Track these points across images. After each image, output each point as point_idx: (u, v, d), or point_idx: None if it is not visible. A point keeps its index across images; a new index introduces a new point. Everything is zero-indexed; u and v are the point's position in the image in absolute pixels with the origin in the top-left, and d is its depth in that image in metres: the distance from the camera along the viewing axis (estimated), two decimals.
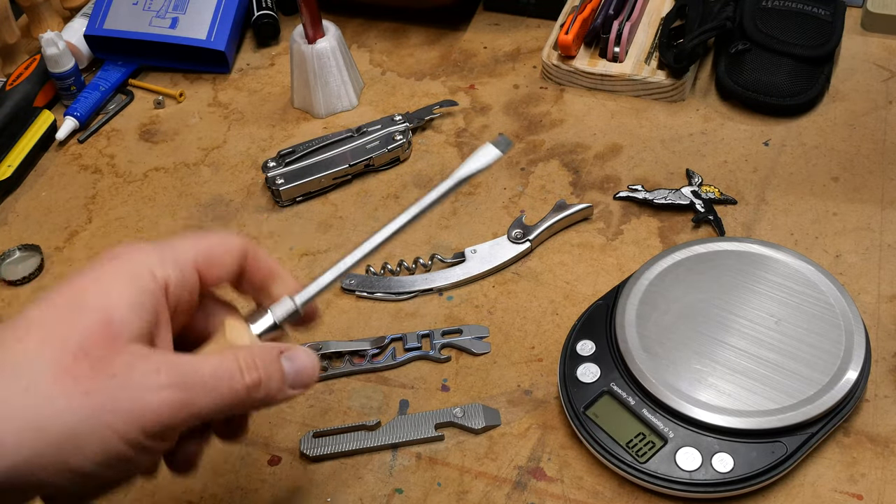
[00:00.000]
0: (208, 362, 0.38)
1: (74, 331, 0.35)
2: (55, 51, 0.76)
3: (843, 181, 0.66)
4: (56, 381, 0.34)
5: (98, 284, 0.37)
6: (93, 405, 0.34)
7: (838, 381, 0.50)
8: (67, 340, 0.35)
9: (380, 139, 0.71)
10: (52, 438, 0.34)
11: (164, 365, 0.36)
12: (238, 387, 0.38)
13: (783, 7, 0.73)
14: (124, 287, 0.37)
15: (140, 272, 0.38)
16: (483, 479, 0.52)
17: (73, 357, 0.35)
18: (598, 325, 0.55)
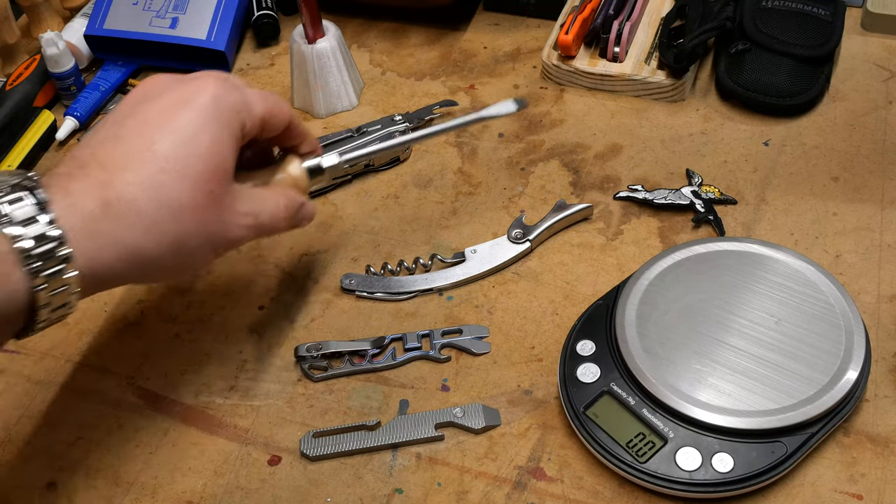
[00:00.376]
0: (268, 204, 0.52)
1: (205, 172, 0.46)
2: (55, 51, 0.76)
3: (843, 181, 0.66)
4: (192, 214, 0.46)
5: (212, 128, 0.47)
6: (209, 231, 0.48)
7: (838, 381, 0.50)
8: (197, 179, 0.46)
9: (380, 139, 0.70)
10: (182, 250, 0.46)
11: (247, 203, 0.50)
12: (280, 224, 0.53)
13: (783, 7, 0.73)
14: (229, 135, 0.48)
15: (237, 122, 0.49)
16: (483, 479, 0.52)
17: (202, 194, 0.46)
18: (598, 325, 0.55)
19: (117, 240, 0.44)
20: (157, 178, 0.45)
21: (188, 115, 0.47)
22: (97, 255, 0.43)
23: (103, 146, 0.46)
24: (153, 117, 0.47)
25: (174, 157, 0.46)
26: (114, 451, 0.55)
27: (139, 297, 0.63)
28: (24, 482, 0.54)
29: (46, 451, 0.55)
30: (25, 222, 0.41)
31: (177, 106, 0.47)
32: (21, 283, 0.41)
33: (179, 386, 0.58)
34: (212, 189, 0.47)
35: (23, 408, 0.58)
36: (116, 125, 0.47)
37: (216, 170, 0.47)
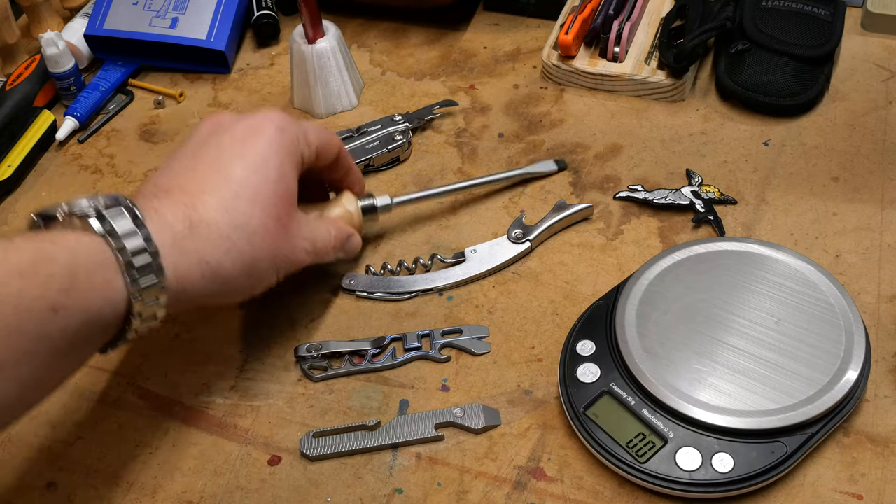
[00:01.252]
0: (321, 232, 0.56)
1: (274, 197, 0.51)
2: (55, 51, 0.76)
3: (843, 181, 0.66)
4: (263, 238, 0.50)
5: (279, 157, 0.52)
6: (276, 254, 0.52)
7: (838, 381, 0.50)
8: (266, 205, 0.51)
9: (380, 139, 0.71)
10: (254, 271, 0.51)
11: (306, 230, 0.55)
12: (330, 253, 0.57)
13: (783, 7, 0.73)
14: (292, 164, 0.53)
15: (297, 152, 0.54)
16: (483, 479, 0.52)
17: (271, 219, 0.51)
18: (598, 325, 0.55)
19: (202, 258, 0.48)
20: (232, 203, 0.49)
21: (258, 145, 0.52)
22: (185, 271, 0.47)
23: (184, 174, 0.51)
24: (226, 146, 0.52)
25: (246, 183, 0.50)
26: (114, 451, 0.55)
27: None
28: (24, 482, 0.54)
29: (46, 451, 0.55)
30: (127, 235, 0.44)
31: (247, 136, 0.52)
32: (121, 292, 0.44)
33: (179, 386, 0.58)
34: (279, 214, 0.51)
35: None
36: (192, 155, 0.52)
37: (283, 195, 0.52)
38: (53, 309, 0.41)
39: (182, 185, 0.50)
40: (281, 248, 0.52)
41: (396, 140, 0.70)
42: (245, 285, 0.51)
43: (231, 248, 0.49)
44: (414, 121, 0.73)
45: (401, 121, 0.72)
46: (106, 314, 0.44)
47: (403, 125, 0.71)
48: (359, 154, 0.70)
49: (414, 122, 0.72)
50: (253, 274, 0.51)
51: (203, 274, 0.48)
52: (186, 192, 0.49)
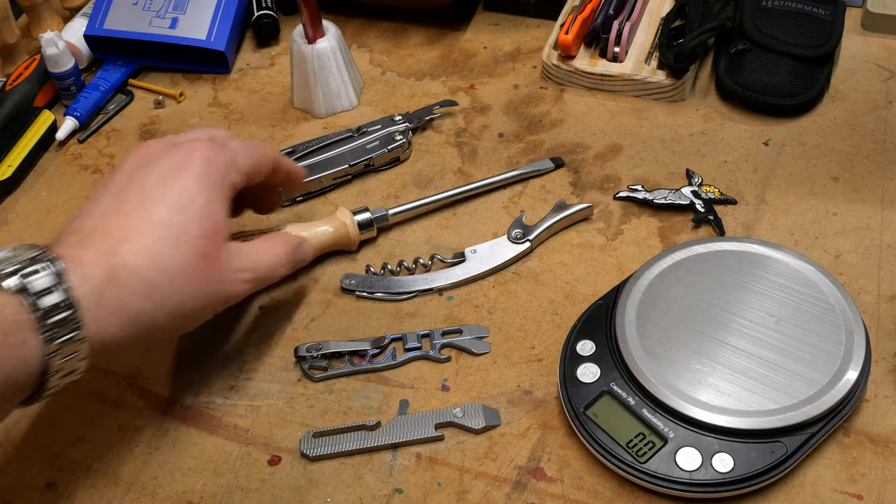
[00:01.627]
0: (265, 257, 0.55)
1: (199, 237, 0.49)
2: (55, 51, 0.76)
3: (843, 181, 0.66)
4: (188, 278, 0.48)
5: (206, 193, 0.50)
6: (207, 292, 0.50)
7: (838, 381, 0.50)
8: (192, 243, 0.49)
9: (380, 139, 0.71)
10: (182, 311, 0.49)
11: (244, 260, 0.53)
12: (281, 271, 0.56)
13: (783, 7, 0.73)
14: (220, 197, 0.51)
15: (226, 183, 0.52)
16: (483, 479, 0.52)
17: (198, 257, 0.49)
18: (598, 325, 0.55)
19: (122, 306, 0.46)
20: (155, 246, 0.47)
21: (182, 182, 0.50)
22: (105, 322, 0.45)
23: (106, 217, 0.49)
24: (150, 186, 0.50)
25: (170, 224, 0.48)
26: (114, 451, 0.55)
27: None
28: (24, 482, 0.54)
29: (46, 451, 0.55)
30: (42, 293, 0.43)
31: (171, 172, 0.50)
32: (36, 350, 0.43)
33: (179, 386, 0.58)
34: (206, 252, 0.49)
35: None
36: (116, 195, 0.50)
37: (210, 233, 0.50)
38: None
39: (104, 228, 0.48)
40: (211, 284, 0.50)
41: (396, 140, 0.70)
42: (173, 326, 0.50)
43: (153, 293, 0.47)
44: (414, 121, 0.72)
45: (401, 121, 0.72)
46: (20, 373, 0.43)
47: (403, 125, 0.71)
48: (359, 154, 0.70)
49: (414, 122, 0.72)
50: (182, 314, 0.49)
51: (122, 324, 0.46)
52: (109, 237, 0.47)
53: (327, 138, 0.71)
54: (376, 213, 0.64)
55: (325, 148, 0.70)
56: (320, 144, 0.70)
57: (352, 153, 0.70)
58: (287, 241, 0.57)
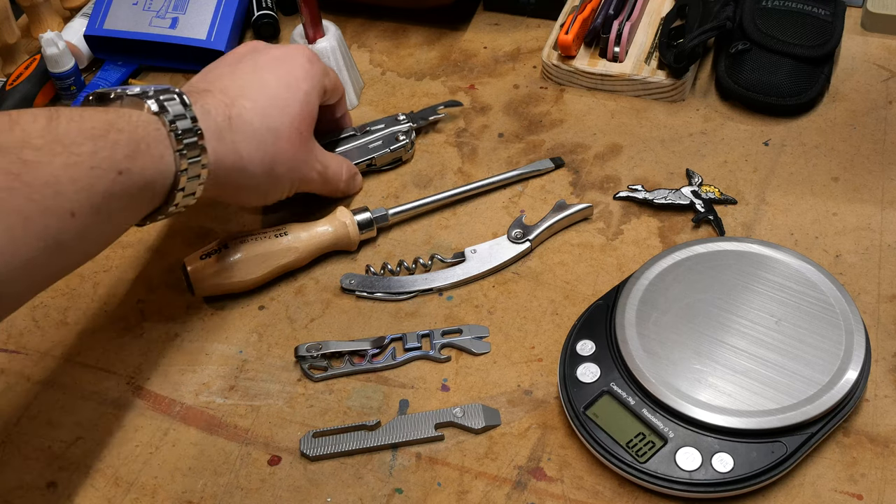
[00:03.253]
0: (334, 162, 0.65)
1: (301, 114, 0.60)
2: (55, 51, 0.76)
3: (843, 181, 0.66)
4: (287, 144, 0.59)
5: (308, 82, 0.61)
6: (294, 162, 0.60)
7: (838, 381, 0.50)
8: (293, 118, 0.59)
9: (383, 139, 0.70)
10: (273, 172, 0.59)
11: (321, 155, 0.63)
12: (340, 183, 0.66)
13: (783, 7, 0.73)
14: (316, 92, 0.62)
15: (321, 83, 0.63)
16: (483, 479, 0.52)
17: (296, 131, 0.59)
18: (598, 325, 0.55)
19: (236, 148, 0.55)
20: (266, 108, 0.57)
21: (291, 67, 0.60)
22: (221, 156, 0.54)
23: (222, 79, 0.58)
24: (262, 63, 0.60)
25: (279, 95, 0.58)
26: (114, 451, 0.55)
27: (139, 297, 0.63)
28: (24, 482, 0.54)
29: (46, 451, 0.55)
30: (178, 117, 0.51)
31: (281, 59, 0.60)
32: (171, 165, 0.51)
33: (179, 386, 0.58)
34: (301, 130, 0.59)
35: (23, 408, 0.58)
36: (230, 66, 0.60)
37: (307, 115, 0.60)
38: (119, 171, 0.47)
39: (222, 88, 0.57)
40: (299, 158, 0.60)
41: (400, 140, 0.70)
42: (263, 185, 0.59)
43: (260, 146, 0.56)
44: (417, 120, 0.72)
45: (404, 120, 0.71)
46: (158, 182, 0.50)
47: (407, 125, 0.71)
48: (361, 154, 0.70)
49: (417, 121, 0.72)
50: (272, 175, 0.58)
51: (235, 163, 0.55)
52: (226, 93, 0.56)
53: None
54: (376, 213, 0.64)
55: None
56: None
57: (354, 152, 0.70)
58: (351, 166, 0.67)
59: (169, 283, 0.64)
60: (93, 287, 0.64)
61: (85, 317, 0.62)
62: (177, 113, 0.51)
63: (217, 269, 0.60)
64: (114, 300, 0.63)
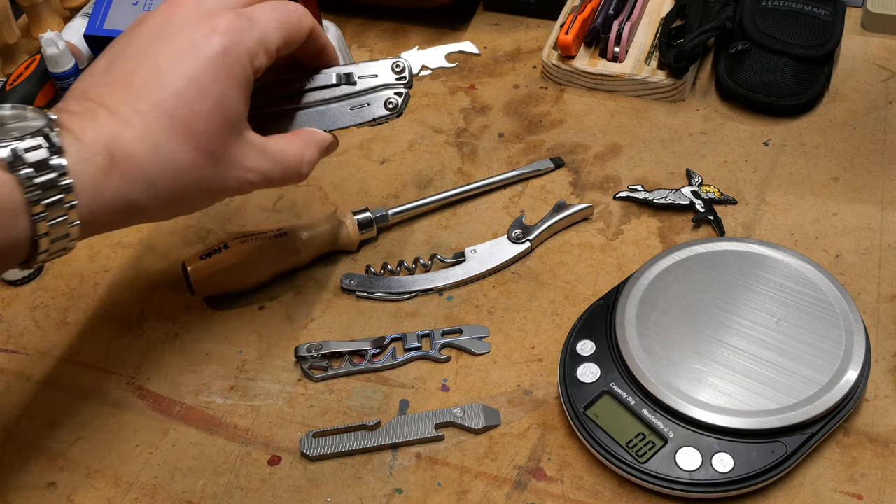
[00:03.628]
0: (286, 156, 0.51)
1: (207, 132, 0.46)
2: (55, 51, 0.76)
3: (843, 181, 0.66)
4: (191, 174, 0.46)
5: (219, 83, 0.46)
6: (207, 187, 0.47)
7: (838, 381, 0.50)
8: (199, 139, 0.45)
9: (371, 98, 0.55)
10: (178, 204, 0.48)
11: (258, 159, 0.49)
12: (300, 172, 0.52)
13: (783, 7, 0.73)
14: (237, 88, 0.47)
15: (246, 72, 0.47)
16: (483, 479, 0.52)
17: (202, 155, 0.46)
18: (598, 325, 0.55)
19: (119, 195, 0.44)
20: (159, 137, 0.45)
21: (196, 68, 0.45)
22: (99, 207, 0.44)
23: (116, 87, 0.45)
24: (164, 64, 0.45)
25: (177, 115, 0.45)
26: (114, 451, 0.55)
27: (139, 297, 0.63)
28: (24, 482, 0.54)
29: (46, 451, 0.55)
30: (40, 168, 0.41)
31: (187, 54, 0.46)
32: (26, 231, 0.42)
33: (179, 386, 0.58)
34: (213, 149, 0.46)
35: (23, 408, 0.58)
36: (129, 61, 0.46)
37: (219, 129, 0.46)
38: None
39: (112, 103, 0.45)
40: (213, 181, 0.47)
41: (389, 106, 0.55)
42: (168, 214, 0.49)
43: (152, 186, 0.45)
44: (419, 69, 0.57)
45: (402, 74, 0.55)
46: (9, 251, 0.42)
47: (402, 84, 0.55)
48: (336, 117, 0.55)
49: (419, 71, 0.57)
50: (178, 206, 0.48)
51: (121, 210, 0.45)
52: (114, 114, 0.44)
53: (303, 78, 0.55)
54: (376, 213, 0.64)
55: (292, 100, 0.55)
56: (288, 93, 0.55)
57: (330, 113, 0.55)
58: (316, 140, 0.53)
59: (169, 283, 0.64)
60: (93, 287, 0.64)
61: (85, 317, 0.62)
62: (37, 161, 0.41)
63: (217, 269, 0.60)
64: (114, 300, 0.63)
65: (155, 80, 0.45)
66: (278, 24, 0.48)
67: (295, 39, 0.50)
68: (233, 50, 0.46)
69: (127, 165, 0.44)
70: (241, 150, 0.48)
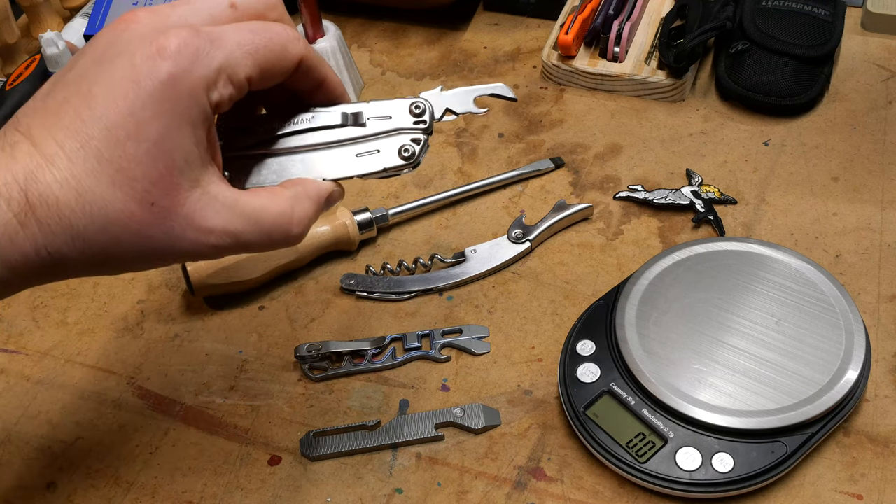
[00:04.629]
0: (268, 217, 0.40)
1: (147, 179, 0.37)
2: (55, 51, 0.76)
3: (843, 181, 0.66)
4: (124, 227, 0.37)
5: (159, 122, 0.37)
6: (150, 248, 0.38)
7: (838, 381, 0.50)
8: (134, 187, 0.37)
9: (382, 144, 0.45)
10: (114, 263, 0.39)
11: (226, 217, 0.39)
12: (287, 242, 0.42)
13: (783, 7, 0.73)
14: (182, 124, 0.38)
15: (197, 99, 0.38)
16: (483, 479, 0.52)
17: (139, 205, 0.37)
18: (598, 325, 0.55)
19: (39, 247, 0.37)
20: (84, 182, 0.37)
21: (132, 102, 0.37)
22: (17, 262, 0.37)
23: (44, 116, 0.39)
24: (98, 93, 0.38)
25: (107, 157, 0.37)
26: (114, 451, 0.55)
27: (139, 297, 0.63)
28: (24, 482, 0.54)
29: (46, 451, 0.55)
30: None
31: (126, 83, 0.37)
32: None
33: (179, 386, 0.58)
34: (154, 200, 0.38)
35: (23, 408, 0.58)
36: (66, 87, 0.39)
37: (161, 176, 0.38)
38: None
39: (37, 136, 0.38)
40: (157, 241, 0.38)
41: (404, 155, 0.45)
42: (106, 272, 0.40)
43: (78, 239, 0.37)
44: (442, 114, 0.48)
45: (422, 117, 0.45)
46: None
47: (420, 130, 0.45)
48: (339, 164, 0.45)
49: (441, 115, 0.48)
50: (115, 265, 0.39)
51: (43, 264, 0.38)
52: (37, 150, 0.37)
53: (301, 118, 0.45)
54: (376, 213, 0.64)
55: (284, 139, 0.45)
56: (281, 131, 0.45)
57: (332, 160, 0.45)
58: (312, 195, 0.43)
59: (169, 283, 0.64)
60: (93, 287, 0.64)
61: (85, 317, 0.62)
62: None
63: (217, 269, 0.60)
64: (114, 300, 0.63)
65: (86, 111, 0.38)
66: (251, 48, 0.39)
67: (276, 69, 0.40)
68: (181, 79, 0.37)
69: (45, 213, 0.37)
70: (200, 205, 0.39)
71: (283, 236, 0.41)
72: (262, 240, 0.41)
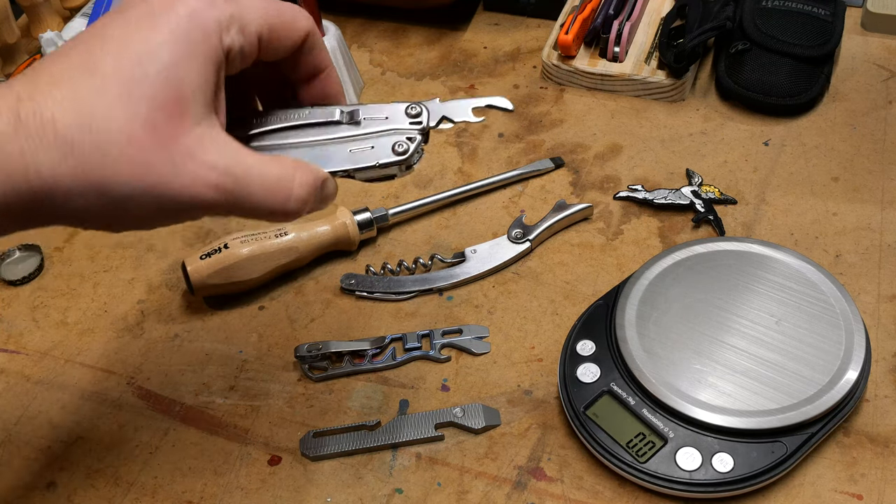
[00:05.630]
0: (271, 172, 0.39)
1: (154, 100, 0.36)
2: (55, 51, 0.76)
3: (843, 181, 0.66)
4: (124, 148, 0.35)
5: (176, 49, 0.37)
6: (148, 179, 0.36)
7: (838, 381, 0.50)
8: (139, 107, 0.36)
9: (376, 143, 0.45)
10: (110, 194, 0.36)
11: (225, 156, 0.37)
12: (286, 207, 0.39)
13: (783, 7, 0.73)
14: (200, 57, 0.37)
15: (209, 36, 0.37)
16: (483, 479, 0.52)
17: (142, 127, 0.36)
18: (598, 325, 0.55)
19: (27, 164, 0.34)
20: (87, 99, 0.35)
21: (147, 32, 0.37)
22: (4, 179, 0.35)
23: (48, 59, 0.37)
24: (110, 32, 0.37)
25: (116, 75, 0.36)
26: (114, 451, 0.55)
27: (139, 297, 0.63)
28: (24, 482, 0.54)
29: (46, 451, 0.55)
30: None
31: (142, 20, 0.37)
32: None
33: (179, 386, 0.58)
34: (159, 125, 0.36)
35: (23, 408, 0.58)
36: (78, 38, 0.38)
37: (170, 101, 0.36)
38: None
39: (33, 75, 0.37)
40: (158, 168, 0.36)
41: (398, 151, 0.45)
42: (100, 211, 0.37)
43: (69, 156, 0.35)
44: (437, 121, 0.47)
45: (417, 117, 0.46)
46: None
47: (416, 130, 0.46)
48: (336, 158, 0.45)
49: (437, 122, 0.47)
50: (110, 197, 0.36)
51: (27, 184, 0.35)
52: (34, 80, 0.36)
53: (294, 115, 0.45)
54: (376, 213, 0.64)
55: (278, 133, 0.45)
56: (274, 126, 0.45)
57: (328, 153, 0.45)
58: (311, 171, 0.41)
59: (169, 283, 0.64)
60: (93, 287, 0.64)
61: (85, 317, 0.62)
62: None
63: (217, 269, 0.60)
64: (114, 300, 0.63)
65: (97, 47, 0.37)
66: (263, 10, 0.40)
67: (283, 36, 0.41)
68: (196, 15, 0.37)
69: (36, 126, 0.35)
70: (204, 141, 0.37)
71: (285, 197, 0.40)
72: (263, 195, 0.39)
